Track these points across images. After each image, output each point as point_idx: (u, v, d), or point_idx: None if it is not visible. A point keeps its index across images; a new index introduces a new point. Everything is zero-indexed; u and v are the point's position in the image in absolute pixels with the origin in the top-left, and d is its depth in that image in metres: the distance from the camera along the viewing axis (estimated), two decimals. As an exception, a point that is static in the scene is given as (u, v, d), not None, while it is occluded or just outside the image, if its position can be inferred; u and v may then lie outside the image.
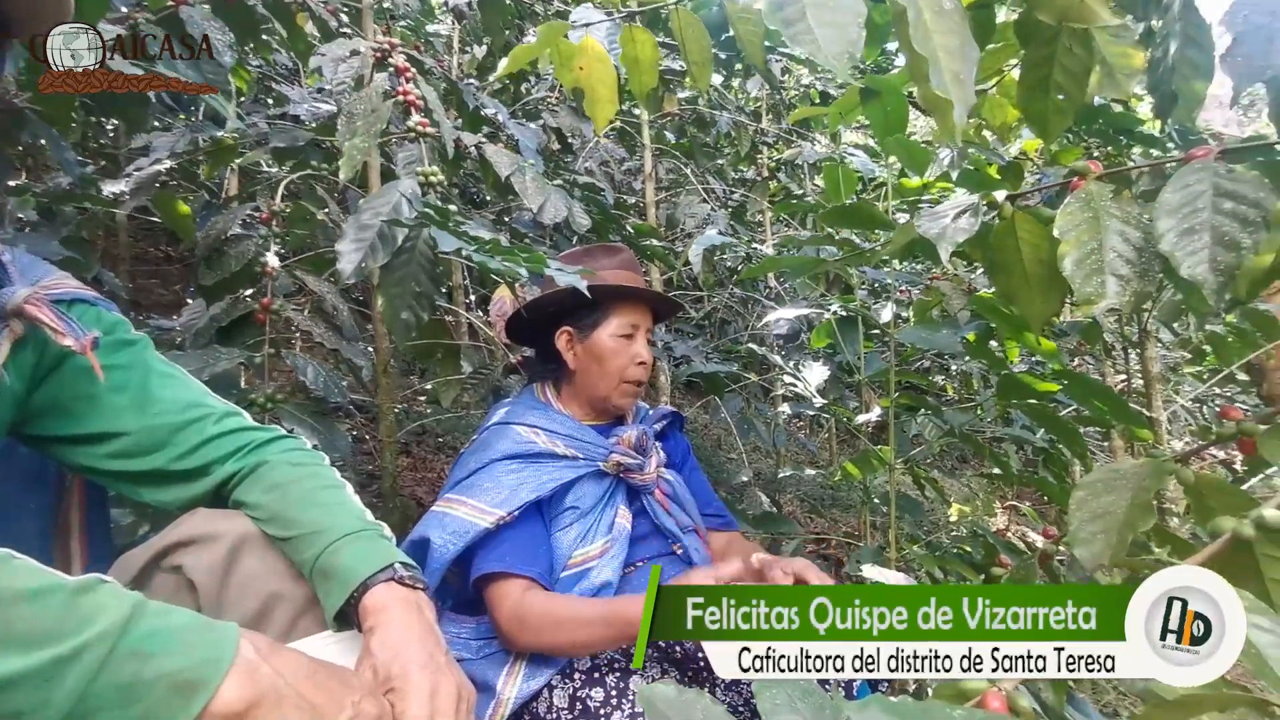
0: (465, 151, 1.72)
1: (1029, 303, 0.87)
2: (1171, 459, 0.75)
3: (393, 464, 1.68)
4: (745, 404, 3.23)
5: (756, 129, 3.67)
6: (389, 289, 1.26)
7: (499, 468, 1.17)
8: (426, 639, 0.69)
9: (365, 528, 0.76)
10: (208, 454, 0.80)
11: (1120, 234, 0.68)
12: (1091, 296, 0.67)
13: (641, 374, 1.26)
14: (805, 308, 1.79)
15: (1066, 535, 0.94)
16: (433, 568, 1.09)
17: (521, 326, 1.37)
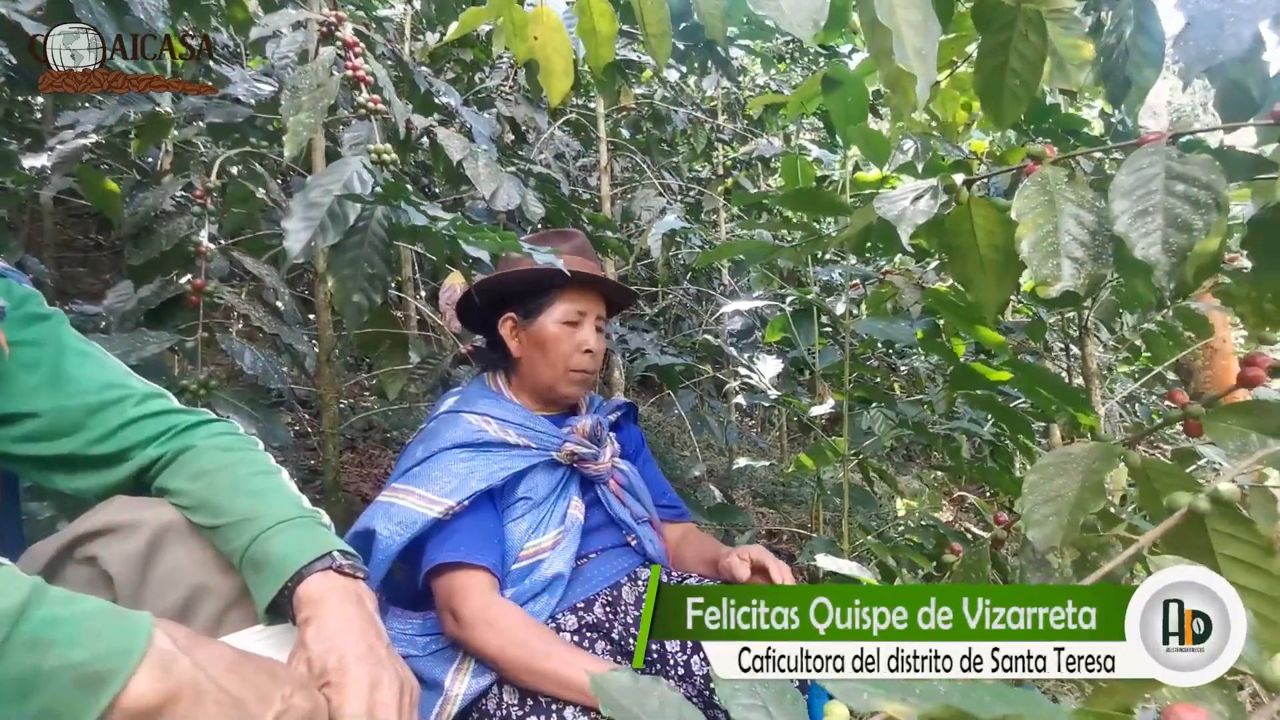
0: (416, 135, 1.67)
1: (983, 289, 0.88)
2: (1120, 443, 0.76)
3: (336, 458, 1.61)
4: (699, 401, 3.23)
5: (713, 126, 3.68)
6: (340, 270, 1.21)
7: (448, 456, 1.13)
8: (366, 630, 0.65)
9: (301, 514, 0.72)
10: (128, 438, 0.74)
11: (1075, 217, 0.68)
12: (1048, 278, 0.67)
13: (588, 363, 1.23)
14: (761, 300, 1.79)
15: (1017, 521, 0.95)
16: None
17: (473, 313, 1.33)
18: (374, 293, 1.20)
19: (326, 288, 1.20)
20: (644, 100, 3.71)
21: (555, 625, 1.10)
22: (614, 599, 1.15)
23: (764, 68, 4.59)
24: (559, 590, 1.10)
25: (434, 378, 1.56)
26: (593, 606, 1.13)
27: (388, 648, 0.66)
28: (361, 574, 0.70)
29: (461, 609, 1.01)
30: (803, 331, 1.69)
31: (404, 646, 1.08)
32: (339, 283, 1.17)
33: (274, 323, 1.28)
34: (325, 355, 1.60)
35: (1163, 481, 0.75)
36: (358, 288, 1.18)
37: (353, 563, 0.70)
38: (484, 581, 1.04)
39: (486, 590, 1.03)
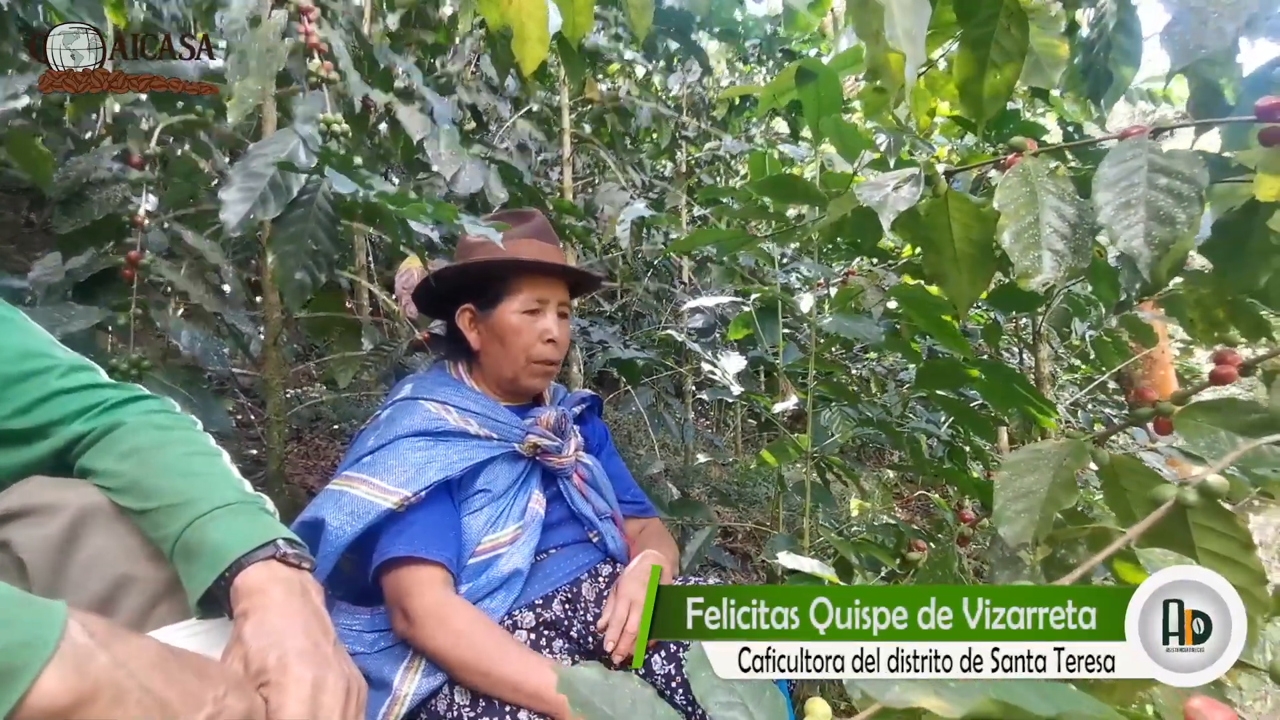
0: (375, 113, 1.60)
1: (956, 283, 0.87)
2: (1089, 438, 0.76)
3: (281, 447, 1.54)
4: (656, 399, 3.21)
5: (678, 123, 3.66)
6: (281, 245, 1.14)
7: (404, 444, 1.08)
8: (311, 626, 0.60)
9: (242, 499, 0.66)
10: (49, 412, 0.68)
11: (1056, 210, 0.68)
12: (1029, 270, 0.66)
13: (551, 352, 1.19)
14: (725, 297, 1.78)
15: (984, 519, 0.95)
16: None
17: (431, 301, 1.28)
18: (318, 271, 1.13)
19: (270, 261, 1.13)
20: (610, 95, 3.67)
21: (512, 622, 1.06)
22: (573, 596, 1.11)
23: (729, 69, 4.60)
24: (517, 586, 1.06)
25: (387, 365, 1.50)
26: (551, 603, 1.09)
27: (335, 645, 0.61)
28: (308, 564, 0.66)
29: (412, 606, 0.96)
30: (766, 329, 1.68)
31: (351, 643, 1.03)
32: (280, 259, 1.11)
33: (216, 301, 1.20)
34: (272, 339, 1.52)
35: (1130, 479, 0.75)
36: (300, 265, 1.12)
37: (299, 552, 0.65)
38: (438, 578, 0.99)
39: (440, 587, 0.99)
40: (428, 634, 0.94)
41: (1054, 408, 1.02)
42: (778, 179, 0.93)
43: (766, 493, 3.59)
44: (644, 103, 3.67)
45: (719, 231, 1.06)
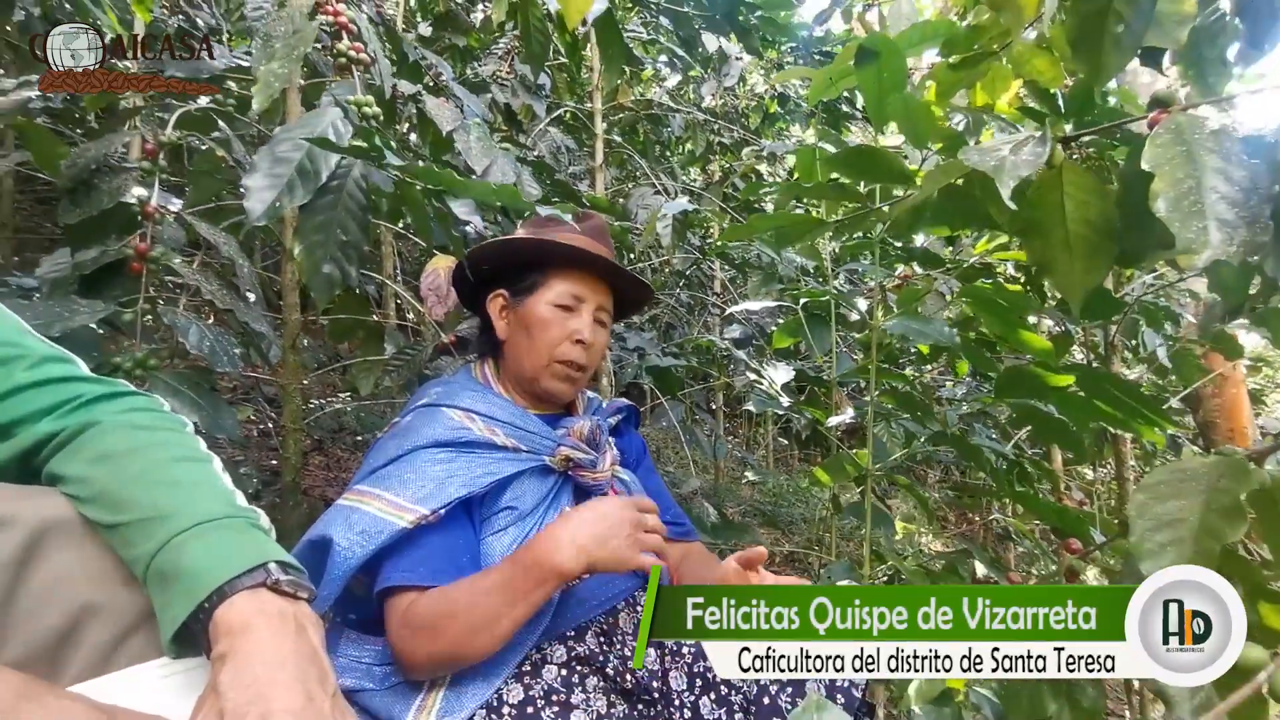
0: (403, 102, 1.52)
1: (1067, 272, 0.74)
2: (1247, 455, 0.63)
3: (297, 456, 1.44)
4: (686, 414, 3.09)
5: (712, 130, 3.56)
6: (309, 236, 1.05)
7: (424, 456, 0.97)
8: (306, 672, 0.49)
9: (231, 514, 0.56)
10: (13, 409, 0.58)
11: (1221, 172, 0.55)
12: (1192, 245, 0.54)
13: (579, 354, 1.08)
14: (771, 301, 1.66)
15: (1094, 551, 0.82)
16: (334, 575, 0.88)
17: (471, 288, 1.18)
18: (347, 264, 1.04)
19: (294, 265, 1.04)
20: (642, 103, 3.59)
21: (540, 657, 0.94)
22: (609, 627, 0.99)
23: (764, 79, 4.51)
24: (545, 616, 0.94)
25: (411, 371, 1.40)
26: (584, 636, 0.97)
27: (334, 697, 0.50)
28: (306, 594, 0.55)
29: (390, 640, 0.88)
30: (817, 336, 1.55)
31: (358, 678, 0.91)
32: (307, 250, 1.01)
33: (229, 298, 1.12)
34: (290, 341, 1.44)
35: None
36: (329, 256, 1.02)
37: (294, 579, 0.54)
38: (414, 596, 0.89)
39: (409, 600, 0.88)
40: (410, 653, 0.86)
41: (1168, 417, 0.89)
42: (857, 151, 0.81)
43: (803, 514, 3.43)
44: (676, 111, 3.58)
45: (783, 215, 0.95)
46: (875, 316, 1.18)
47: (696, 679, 0.95)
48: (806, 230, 0.91)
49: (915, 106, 0.99)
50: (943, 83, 1.10)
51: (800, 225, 0.90)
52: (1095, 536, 1.06)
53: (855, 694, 0.88)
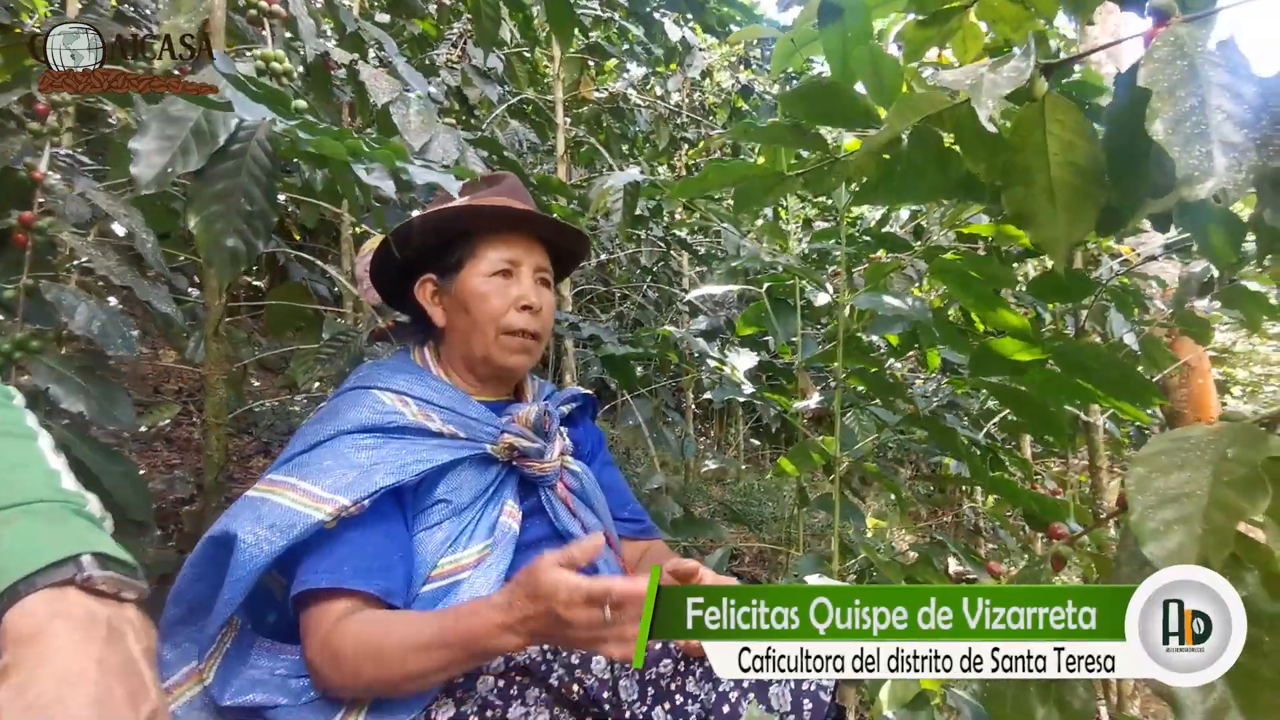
0: (334, 70, 1.41)
1: (1049, 224, 0.67)
2: (1257, 420, 0.56)
3: (221, 452, 1.32)
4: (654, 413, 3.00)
5: (675, 124, 3.49)
6: (206, 205, 0.94)
7: (347, 442, 0.87)
8: (111, 690, 0.39)
9: (46, 497, 0.45)
10: None
11: (1228, 89, 0.48)
12: (1195, 172, 0.46)
13: (528, 321, 0.98)
14: (735, 285, 1.58)
15: (1081, 535, 0.74)
16: (237, 576, 0.77)
17: (392, 282, 1.08)
18: (255, 236, 0.93)
19: (192, 224, 0.94)
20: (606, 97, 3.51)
21: (475, 668, 0.84)
22: (555, 633, 0.90)
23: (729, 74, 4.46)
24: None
25: (346, 359, 1.29)
26: (526, 642, 0.87)
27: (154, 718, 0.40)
28: (133, 594, 0.44)
29: (306, 653, 0.78)
30: (782, 321, 1.48)
31: (270, 693, 0.81)
32: (205, 222, 0.91)
33: (128, 274, 1.00)
34: (213, 326, 1.32)
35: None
36: (231, 229, 0.92)
37: (116, 576, 0.44)
38: (341, 609, 0.79)
39: (336, 616, 0.78)
40: (329, 677, 0.76)
41: (1156, 391, 0.82)
42: (817, 86, 0.73)
43: (773, 512, 3.36)
44: (641, 105, 3.51)
45: (741, 165, 0.86)
46: (842, 294, 1.11)
47: (649, 688, 0.86)
48: (768, 186, 0.83)
49: (882, 60, 0.92)
50: (911, 41, 1.03)
51: (761, 177, 0.82)
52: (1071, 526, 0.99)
53: (824, 698, 0.80)
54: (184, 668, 0.82)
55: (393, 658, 0.73)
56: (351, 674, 0.74)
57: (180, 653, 0.82)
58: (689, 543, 1.33)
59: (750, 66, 4.44)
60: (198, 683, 0.81)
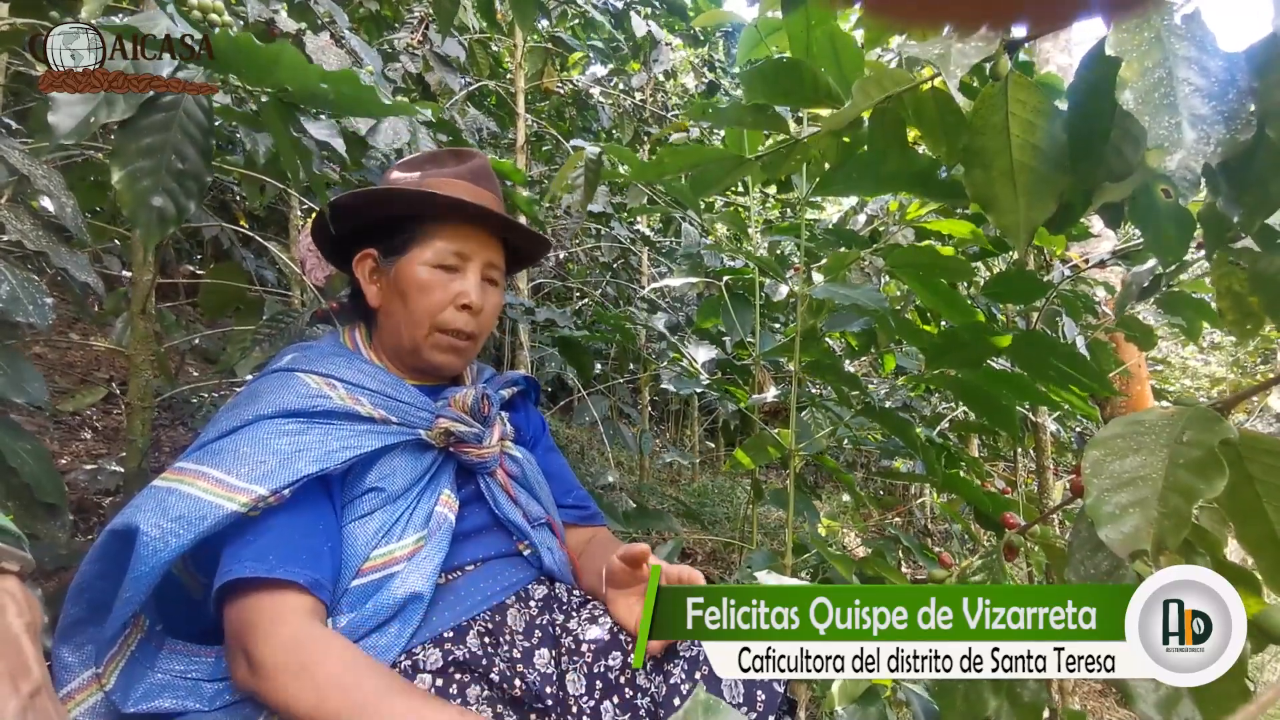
0: (277, 37, 1.34)
1: (1010, 209, 0.66)
2: (1214, 404, 0.55)
3: (145, 436, 1.24)
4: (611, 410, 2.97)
5: (639, 118, 3.47)
6: (133, 160, 0.86)
7: (268, 427, 0.81)
8: None
9: None
10: None
11: (1195, 63, 0.47)
12: (1164, 141, 0.45)
13: (465, 322, 0.93)
14: (695, 278, 1.55)
15: (1034, 526, 0.74)
16: (140, 572, 0.71)
17: (335, 249, 1.03)
18: (185, 197, 0.87)
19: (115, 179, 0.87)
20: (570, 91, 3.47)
21: (411, 663, 0.79)
22: (495, 626, 0.85)
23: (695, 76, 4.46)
24: (416, 615, 0.80)
25: (285, 341, 1.23)
26: (465, 637, 0.83)
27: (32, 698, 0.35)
28: (15, 565, 0.39)
29: (258, 649, 0.69)
30: (740, 315, 1.46)
31: (180, 697, 0.75)
32: (129, 178, 0.84)
33: (44, 239, 0.92)
34: (140, 305, 1.24)
35: (1261, 463, 0.54)
36: (159, 188, 0.85)
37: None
38: (299, 606, 0.72)
39: (300, 618, 0.72)
40: (279, 687, 0.67)
41: (1110, 385, 0.82)
42: (777, 66, 0.70)
43: (727, 513, 3.35)
44: (606, 99, 3.47)
45: (699, 149, 0.83)
46: (801, 287, 1.09)
47: (597, 681, 0.83)
48: (727, 169, 0.80)
49: (842, 41, 0.90)
50: (871, 29, 1.02)
51: (719, 161, 0.80)
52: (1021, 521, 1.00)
53: (777, 689, 0.77)
54: (84, 672, 0.75)
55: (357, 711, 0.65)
56: (312, 699, 0.66)
57: (82, 655, 0.75)
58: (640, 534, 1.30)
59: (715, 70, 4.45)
60: (98, 689, 0.74)
